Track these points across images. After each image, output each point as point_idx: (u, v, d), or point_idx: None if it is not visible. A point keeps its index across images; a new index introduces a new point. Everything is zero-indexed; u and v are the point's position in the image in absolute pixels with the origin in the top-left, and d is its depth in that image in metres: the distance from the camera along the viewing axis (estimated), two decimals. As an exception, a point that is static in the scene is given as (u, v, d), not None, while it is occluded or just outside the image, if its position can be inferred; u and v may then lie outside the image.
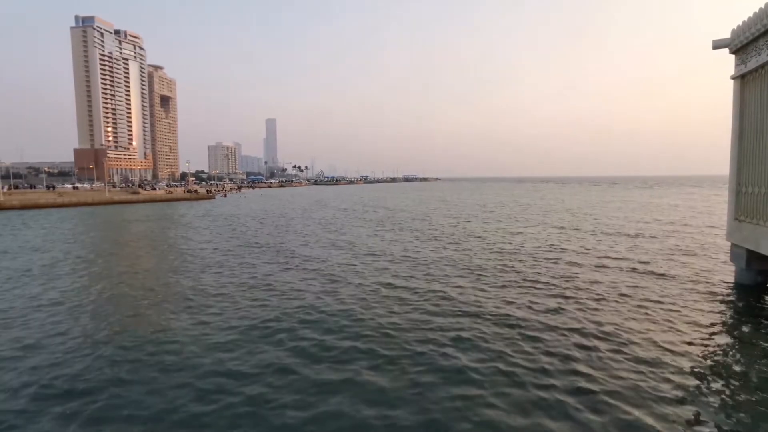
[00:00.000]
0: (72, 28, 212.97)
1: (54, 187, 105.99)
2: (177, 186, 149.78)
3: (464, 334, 11.73)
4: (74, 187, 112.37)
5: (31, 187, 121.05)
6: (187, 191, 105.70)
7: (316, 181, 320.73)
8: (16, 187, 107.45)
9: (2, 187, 78.84)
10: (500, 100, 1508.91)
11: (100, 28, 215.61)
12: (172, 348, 11.22)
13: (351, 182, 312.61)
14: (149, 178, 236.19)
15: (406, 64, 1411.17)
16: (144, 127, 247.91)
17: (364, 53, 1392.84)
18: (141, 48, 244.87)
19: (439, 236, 31.47)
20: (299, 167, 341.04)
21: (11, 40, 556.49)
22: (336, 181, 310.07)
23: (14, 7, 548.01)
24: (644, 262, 20.46)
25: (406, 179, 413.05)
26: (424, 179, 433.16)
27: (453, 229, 35.31)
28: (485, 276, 18.23)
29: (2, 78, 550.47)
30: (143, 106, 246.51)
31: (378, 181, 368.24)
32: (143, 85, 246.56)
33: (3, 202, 64.37)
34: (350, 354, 10.65)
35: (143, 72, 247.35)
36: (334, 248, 26.11)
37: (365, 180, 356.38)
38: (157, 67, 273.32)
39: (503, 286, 16.50)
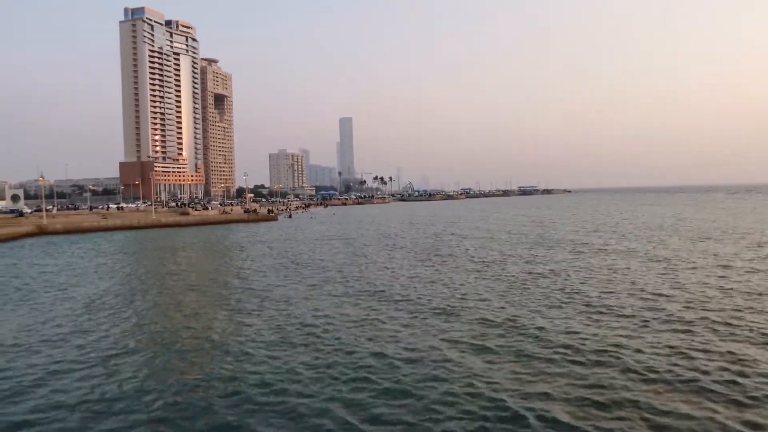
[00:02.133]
0: (121, 22, 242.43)
1: (108, 207, 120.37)
2: (232, 204, 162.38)
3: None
4: (119, 208, 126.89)
5: (74, 207, 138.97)
6: (245, 211, 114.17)
7: (403, 196, 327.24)
8: (60, 208, 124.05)
9: (45, 209, 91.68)
10: (653, 84, 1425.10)
11: (150, 20, 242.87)
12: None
13: (449, 197, 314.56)
14: (200, 194, 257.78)
15: (523, 37, 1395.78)
16: (195, 133, 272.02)
17: (465, 28, 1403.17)
18: (193, 39, 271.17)
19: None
20: (381, 179, 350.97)
21: (58, 46, 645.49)
22: (429, 196, 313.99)
23: (61, 10, 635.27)
24: None
25: (523, 192, 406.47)
26: (548, 191, 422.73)
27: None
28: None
29: (48, 87, 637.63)
30: (195, 107, 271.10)
31: (484, 195, 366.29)
32: (195, 82, 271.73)
33: (46, 226, 75.13)
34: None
35: (195, 67, 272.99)
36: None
37: (467, 194, 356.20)
38: (210, 61, 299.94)
39: None
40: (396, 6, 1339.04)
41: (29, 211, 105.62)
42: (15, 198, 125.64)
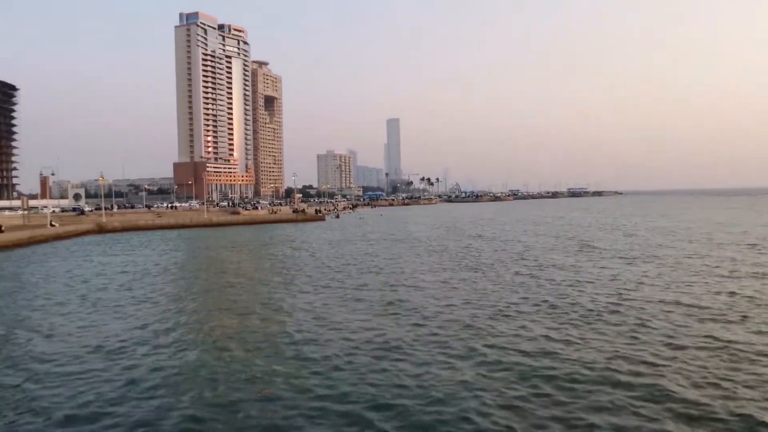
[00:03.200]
0: (176, 27, 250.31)
1: (168, 206, 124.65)
2: (281, 204, 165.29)
3: None
4: (172, 207, 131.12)
5: (131, 206, 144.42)
6: (294, 211, 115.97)
7: (449, 197, 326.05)
8: (119, 207, 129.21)
9: (105, 208, 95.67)
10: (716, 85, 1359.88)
11: (204, 25, 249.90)
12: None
13: (496, 198, 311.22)
14: (250, 194, 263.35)
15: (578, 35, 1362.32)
16: (246, 134, 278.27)
17: (514, 28, 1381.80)
18: (245, 43, 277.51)
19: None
20: (428, 180, 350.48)
21: (115, 51, 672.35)
22: (476, 197, 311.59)
23: (122, 9, 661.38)
24: None
25: (572, 193, 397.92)
26: (598, 193, 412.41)
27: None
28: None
29: (104, 91, 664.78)
30: (245, 109, 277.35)
31: (533, 196, 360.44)
32: (246, 85, 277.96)
33: (105, 224, 78.34)
34: None
35: (246, 70, 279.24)
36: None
37: (515, 195, 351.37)
38: (261, 63, 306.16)
39: None
40: (442, 6, 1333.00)
41: (89, 209, 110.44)
42: (77, 197, 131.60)
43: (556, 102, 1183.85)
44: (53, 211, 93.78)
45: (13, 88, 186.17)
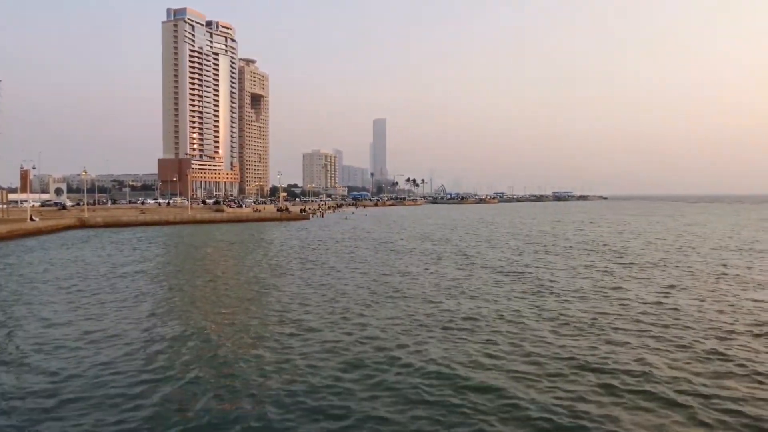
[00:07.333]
0: (163, 22, 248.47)
1: (167, 202, 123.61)
2: (266, 203, 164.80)
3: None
4: (159, 203, 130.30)
5: (113, 202, 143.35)
6: (278, 210, 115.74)
7: (435, 198, 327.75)
8: (101, 202, 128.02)
9: (87, 203, 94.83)
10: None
11: (192, 21, 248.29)
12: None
13: (481, 200, 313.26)
14: (235, 192, 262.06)
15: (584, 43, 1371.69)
16: (231, 132, 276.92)
17: (504, 29, 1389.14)
18: (232, 40, 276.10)
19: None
20: (414, 181, 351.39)
21: (99, 44, 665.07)
22: (461, 199, 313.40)
23: (110, 4, 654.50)
24: None
25: (557, 197, 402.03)
26: (583, 197, 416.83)
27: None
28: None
29: (89, 85, 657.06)
30: (232, 107, 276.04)
31: (518, 199, 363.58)
32: (233, 82, 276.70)
33: (87, 219, 77.64)
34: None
35: (233, 67, 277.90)
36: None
37: (500, 198, 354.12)
38: (248, 61, 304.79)
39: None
40: (431, 10, 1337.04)
41: (71, 204, 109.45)
42: (58, 191, 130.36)
43: (545, 105, 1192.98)
44: (33, 206, 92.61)
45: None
